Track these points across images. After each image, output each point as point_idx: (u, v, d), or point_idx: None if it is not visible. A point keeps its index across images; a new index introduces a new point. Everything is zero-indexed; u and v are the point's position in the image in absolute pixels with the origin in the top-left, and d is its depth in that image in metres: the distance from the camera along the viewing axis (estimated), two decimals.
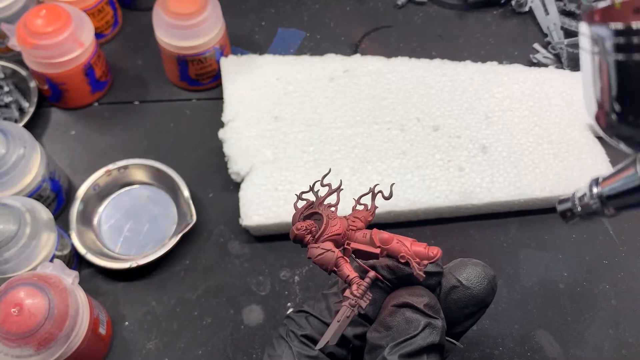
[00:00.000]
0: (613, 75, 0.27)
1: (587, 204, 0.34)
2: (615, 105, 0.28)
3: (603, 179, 0.33)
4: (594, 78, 0.28)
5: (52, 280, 0.55)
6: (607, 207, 0.33)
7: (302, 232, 0.40)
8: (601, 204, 0.33)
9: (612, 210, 0.33)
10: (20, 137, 0.65)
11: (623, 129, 0.28)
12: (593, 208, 0.34)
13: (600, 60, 0.27)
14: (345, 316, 0.38)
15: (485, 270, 0.44)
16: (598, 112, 0.29)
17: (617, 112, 0.28)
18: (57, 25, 0.72)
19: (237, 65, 0.81)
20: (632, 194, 0.31)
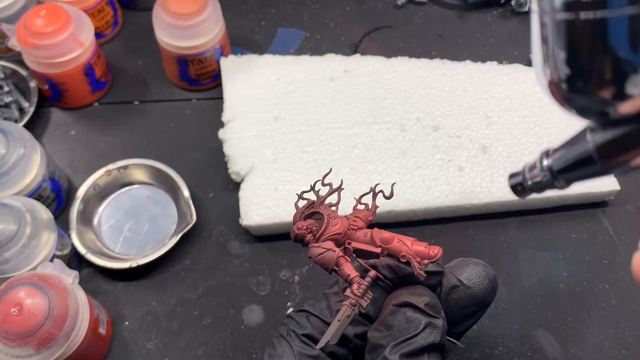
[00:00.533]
0: (560, 36, 0.25)
1: (538, 176, 0.33)
2: (563, 71, 0.26)
3: (553, 150, 0.32)
4: (542, 42, 0.27)
5: (52, 280, 0.54)
6: (557, 180, 0.32)
7: (303, 232, 0.40)
8: (551, 176, 0.32)
9: (562, 182, 0.32)
10: (20, 137, 0.65)
11: (574, 97, 0.27)
12: (543, 181, 0.33)
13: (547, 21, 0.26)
14: (345, 315, 0.38)
15: (486, 269, 0.44)
16: (549, 82, 0.27)
17: (566, 78, 0.26)
18: (57, 25, 0.72)
19: (237, 65, 0.81)
20: (582, 166, 0.29)
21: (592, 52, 0.24)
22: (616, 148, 0.27)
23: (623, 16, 0.23)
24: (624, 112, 0.25)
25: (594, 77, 0.25)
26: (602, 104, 0.25)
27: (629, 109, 0.25)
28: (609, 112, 0.26)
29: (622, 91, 0.24)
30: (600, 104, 0.26)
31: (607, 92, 0.25)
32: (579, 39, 0.25)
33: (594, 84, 0.25)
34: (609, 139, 0.27)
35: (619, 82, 0.24)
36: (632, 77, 0.24)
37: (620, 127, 0.26)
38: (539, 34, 0.27)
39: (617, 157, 0.27)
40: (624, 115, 0.25)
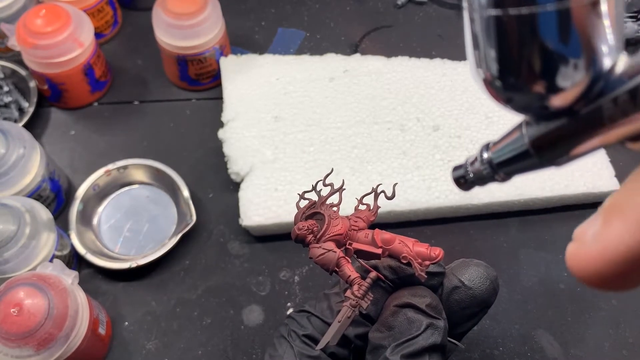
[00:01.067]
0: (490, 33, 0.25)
1: (479, 169, 0.33)
2: (494, 67, 0.26)
3: (493, 143, 0.32)
4: (472, 39, 0.27)
5: (51, 281, 0.54)
6: (497, 173, 0.32)
7: (304, 232, 0.40)
8: (491, 169, 0.32)
9: (502, 175, 0.32)
10: (20, 137, 0.65)
11: (508, 93, 0.27)
12: (484, 174, 0.32)
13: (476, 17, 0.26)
14: (346, 316, 0.38)
15: (487, 270, 0.44)
16: (483, 80, 0.28)
17: (498, 75, 0.26)
18: (57, 25, 0.72)
19: (237, 65, 0.81)
20: (519, 160, 0.30)
21: (521, 47, 0.25)
22: (550, 141, 0.27)
23: (551, 12, 0.23)
24: (556, 105, 0.26)
25: (525, 72, 0.25)
26: (536, 99, 0.26)
27: (561, 102, 0.25)
28: (542, 106, 0.26)
29: (554, 84, 0.25)
30: (533, 99, 0.26)
31: (539, 86, 0.25)
32: (508, 35, 0.25)
33: (526, 79, 0.25)
34: (543, 132, 0.27)
35: (550, 75, 0.24)
36: (562, 70, 0.24)
37: (554, 121, 0.27)
38: (469, 31, 0.27)
39: (551, 149, 0.28)
40: (556, 108, 0.26)
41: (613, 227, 0.22)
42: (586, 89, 0.25)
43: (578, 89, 0.25)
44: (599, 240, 0.22)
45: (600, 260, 0.22)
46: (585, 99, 0.25)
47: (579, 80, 0.24)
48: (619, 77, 0.24)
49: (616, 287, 0.23)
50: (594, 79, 0.24)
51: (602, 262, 0.22)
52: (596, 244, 0.22)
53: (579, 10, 0.23)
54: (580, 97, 0.25)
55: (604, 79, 0.24)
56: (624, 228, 0.21)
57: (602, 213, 0.23)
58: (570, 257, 0.24)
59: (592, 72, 0.24)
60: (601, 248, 0.22)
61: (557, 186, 0.71)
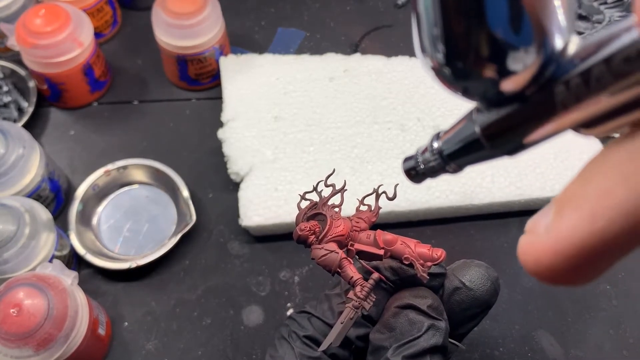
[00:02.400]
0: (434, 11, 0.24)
1: (429, 160, 0.31)
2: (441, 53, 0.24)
3: (444, 132, 0.30)
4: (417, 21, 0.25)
5: (51, 281, 0.54)
6: (448, 164, 0.30)
7: (306, 233, 0.40)
8: (442, 160, 0.30)
9: (454, 166, 0.30)
10: (19, 137, 0.65)
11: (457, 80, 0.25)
12: (434, 165, 0.31)
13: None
14: (348, 318, 0.38)
15: (488, 271, 0.44)
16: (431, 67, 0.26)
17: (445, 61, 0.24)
18: (56, 24, 0.72)
19: (237, 64, 0.80)
20: (471, 150, 0.28)
21: (468, 28, 0.23)
22: (502, 128, 0.26)
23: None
24: (507, 90, 0.24)
25: (473, 56, 0.24)
26: (487, 85, 0.24)
27: (512, 86, 0.24)
28: (493, 92, 0.25)
29: (504, 68, 0.23)
30: (484, 85, 0.24)
31: (489, 70, 0.24)
32: (453, 15, 0.23)
33: (475, 64, 0.24)
34: (494, 119, 0.26)
35: (499, 58, 0.23)
36: (512, 53, 0.23)
37: (505, 107, 0.26)
38: (415, 13, 0.25)
39: (503, 137, 0.26)
40: (507, 93, 0.24)
41: (566, 218, 0.21)
42: (537, 72, 0.23)
43: (529, 72, 0.23)
44: (551, 232, 0.21)
45: (553, 253, 0.21)
46: (537, 83, 0.24)
47: (530, 63, 0.23)
48: (571, 60, 0.23)
49: (569, 280, 0.22)
50: (545, 61, 0.23)
51: (555, 255, 0.21)
52: (549, 236, 0.21)
53: None
54: (531, 80, 0.24)
55: (556, 61, 0.23)
56: (578, 219, 0.21)
57: (555, 204, 0.22)
58: (522, 251, 0.22)
59: (543, 54, 0.23)
60: (554, 240, 0.21)
61: (557, 186, 0.71)
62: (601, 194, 0.20)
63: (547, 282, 0.22)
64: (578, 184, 0.21)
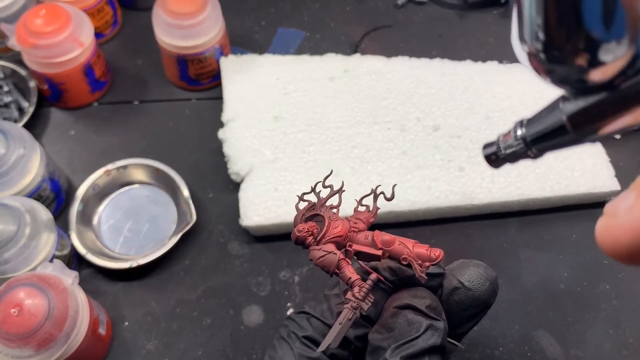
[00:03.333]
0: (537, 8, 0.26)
1: (512, 145, 0.34)
2: (540, 41, 0.27)
3: (527, 120, 0.33)
4: (519, 15, 0.28)
5: (52, 281, 0.54)
6: (530, 149, 0.33)
7: (304, 234, 0.40)
8: (525, 145, 0.33)
9: (535, 151, 0.33)
10: (20, 137, 0.65)
11: (552, 66, 0.28)
12: (517, 150, 0.33)
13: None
14: (347, 319, 0.38)
15: (486, 271, 0.44)
16: (528, 53, 0.28)
17: (543, 48, 0.27)
18: (57, 25, 0.72)
19: (237, 65, 0.81)
20: (555, 136, 0.30)
21: (567, 20, 0.25)
22: (588, 116, 0.28)
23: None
24: (596, 80, 0.26)
25: (570, 46, 0.26)
26: (578, 72, 0.26)
27: (600, 76, 0.26)
28: (582, 79, 0.27)
29: (596, 58, 0.25)
30: (576, 72, 0.26)
31: (582, 59, 0.26)
32: (554, 7, 0.25)
33: (569, 52, 0.26)
34: (581, 107, 0.28)
35: (593, 49, 0.25)
36: (604, 45, 0.25)
37: (592, 96, 0.27)
38: (516, 4, 0.28)
39: (589, 124, 0.28)
40: (596, 82, 0.26)
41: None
42: (628, 64, 0.25)
43: (620, 64, 0.25)
44: (632, 213, 0.22)
45: (632, 233, 0.22)
46: (626, 74, 0.25)
47: (622, 55, 0.25)
48: None
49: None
50: (636, 54, 0.25)
51: (634, 235, 0.22)
52: (629, 217, 0.22)
53: None
54: (621, 71, 0.25)
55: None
56: None
57: (635, 189, 0.23)
58: (600, 231, 0.24)
59: (635, 47, 0.24)
60: (634, 220, 0.22)
61: (557, 186, 0.71)
62: None
63: (624, 261, 0.23)
64: None
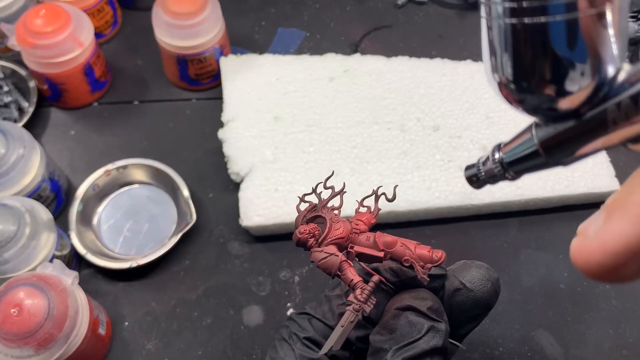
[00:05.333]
0: (506, 40, 0.28)
1: (490, 168, 0.35)
2: (509, 72, 0.29)
3: (504, 144, 0.34)
4: (489, 45, 0.29)
5: (51, 281, 0.54)
6: (508, 172, 0.34)
7: (306, 236, 0.40)
8: (502, 168, 0.34)
9: (512, 174, 0.34)
10: (20, 137, 0.65)
11: (521, 96, 0.29)
12: (495, 172, 0.35)
13: (494, 25, 0.28)
14: (349, 321, 0.38)
15: (488, 272, 0.44)
16: (498, 83, 0.30)
17: (513, 79, 0.29)
18: (57, 25, 0.72)
19: (237, 65, 0.80)
20: (529, 159, 0.32)
21: (534, 54, 0.27)
22: (558, 142, 0.30)
23: (561, 21, 0.26)
24: (564, 108, 0.28)
25: (537, 77, 0.28)
26: (546, 101, 0.28)
27: (568, 105, 0.28)
28: (551, 108, 0.29)
29: (562, 88, 0.27)
30: (543, 101, 0.28)
31: (549, 89, 0.28)
32: (523, 42, 0.27)
33: (537, 83, 0.28)
34: (552, 134, 0.30)
35: (559, 80, 0.27)
36: (570, 75, 0.27)
37: (561, 123, 0.29)
38: (487, 38, 0.29)
39: (559, 150, 0.30)
40: (564, 111, 0.28)
41: (614, 222, 0.24)
42: (592, 93, 0.27)
43: (584, 93, 0.27)
44: (601, 235, 0.24)
45: (601, 253, 0.24)
46: (591, 103, 0.27)
47: (586, 85, 0.27)
48: (621, 84, 0.26)
49: (615, 278, 0.24)
50: (599, 84, 0.27)
51: (603, 255, 0.24)
52: (598, 238, 0.24)
53: (586, 20, 0.26)
54: (586, 101, 0.27)
55: (608, 85, 0.27)
56: (624, 223, 0.23)
57: (605, 210, 0.25)
58: (574, 251, 0.25)
59: (597, 78, 0.27)
60: (603, 242, 0.24)
61: (557, 186, 0.71)
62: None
63: (596, 279, 0.25)
64: (626, 191, 0.24)
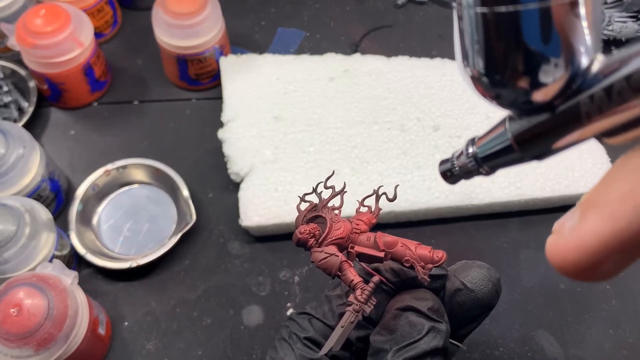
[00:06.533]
0: (477, 30, 0.27)
1: (464, 163, 0.34)
2: (481, 64, 0.28)
3: (478, 138, 0.34)
4: (460, 36, 0.29)
5: (51, 281, 0.54)
6: (482, 167, 0.33)
7: (306, 236, 0.40)
8: (476, 163, 0.34)
9: (487, 168, 0.33)
10: (20, 137, 0.65)
11: (494, 89, 0.28)
12: (469, 167, 0.34)
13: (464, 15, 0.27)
14: (349, 322, 0.38)
15: (489, 272, 0.43)
16: (470, 77, 0.29)
17: (485, 72, 0.28)
18: (57, 24, 0.72)
19: (237, 65, 0.80)
20: (503, 154, 0.31)
21: (506, 44, 0.26)
22: (532, 135, 0.29)
23: (533, 10, 0.25)
24: (537, 100, 0.27)
25: (510, 69, 0.27)
26: (519, 94, 0.27)
27: (542, 97, 0.27)
28: (525, 101, 0.28)
29: (536, 80, 0.27)
30: (517, 94, 0.28)
31: (523, 82, 0.27)
32: (494, 32, 0.26)
33: (511, 76, 0.27)
34: (525, 127, 0.29)
35: (532, 72, 0.26)
36: (543, 67, 0.26)
37: (535, 116, 0.28)
38: (457, 28, 0.28)
39: (533, 144, 0.29)
40: (538, 103, 0.27)
41: (588, 220, 0.23)
42: (565, 85, 0.26)
43: (557, 85, 0.26)
44: (575, 232, 0.24)
45: (576, 251, 0.23)
46: (564, 95, 0.27)
47: (559, 77, 0.26)
48: (595, 76, 0.25)
49: (591, 277, 0.24)
50: (572, 76, 0.26)
51: (578, 253, 0.23)
52: (573, 236, 0.24)
53: (559, 10, 0.25)
54: (559, 92, 0.27)
55: (582, 76, 0.26)
56: (599, 221, 0.23)
57: (579, 207, 0.24)
58: (549, 249, 0.25)
59: (570, 69, 0.26)
60: (577, 239, 0.24)
61: (557, 186, 0.71)
62: (621, 197, 0.22)
63: (572, 277, 0.24)
64: (600, 188, 0.24)
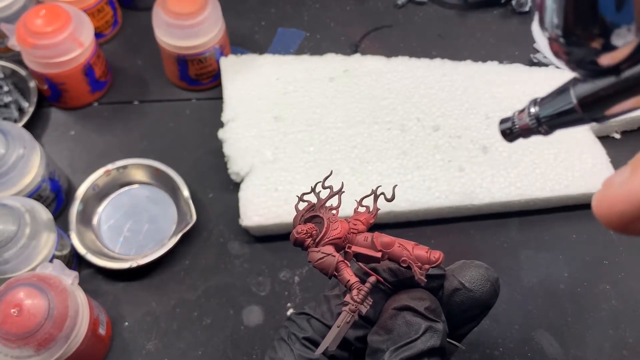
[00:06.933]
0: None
1: (525, 123, 0.36)
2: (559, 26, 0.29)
3: (541, 99, 0.35)
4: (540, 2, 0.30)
5: (51, 281, 0.54)
6: (542, 126, 0.35)
7: (303, 236, 0.40)
8: (537, 122, 0.35)
9: (546, 128, 0.35)
10: (20, 137, 0.65)
11: (570, 49, 0.30)
12: (530, 126, 0.36)
13: None
14: (345, 321, 0.38)
15: (488, 272, 0.43)
16: (548, 38, 0.30)
17: (562, 34, 0.29)
18: (57, 25, 0.72)
19: (237, 65, 0.81)
20: (565, 115, 0.33)
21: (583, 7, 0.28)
22: (595, 98, 0.31)
23: None
24: (605, 64, 0.29)
25: (585, 32, 0.28)
26: (593, 54, 0.29)
27: (609, 60, 0.28)
28: (594, 62, 0.29)
29: (609, 42, 0.28)
30: (591, 55, 0.29)
31: (596, 43, 0.28)
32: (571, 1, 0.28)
33: (586, 37, 0.28)
34: (590, 90, 0.31)
35: (606, 34, 0.27)
36: (617, 31, 0.27)
37: (601, 80, 0.30)
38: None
39: (595, 106, 0.31)
40: (605, 66, 0.29)
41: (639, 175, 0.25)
42: (634, 50, 0.27)
43: (627, 50, 0.27)
44: (626, 186, 0.26)
45: (624, 203, 0.25)
46: (632, 59, 0.28)
47: (630, 41, 0.27)
48: None
49: (634, 230, 0.26)
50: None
51: (626, 205, 0.25)
52: (623, 188, 0.26)
53: None
54: (628, 57, 0.28)
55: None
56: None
57: (630, 164, 0.26)
58: (596, 202, 0.27)
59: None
60: (627, 192, 0.25)
61: (557, 186, 0.71)
62: None
63: (615, 229, 0.26)
64: None
